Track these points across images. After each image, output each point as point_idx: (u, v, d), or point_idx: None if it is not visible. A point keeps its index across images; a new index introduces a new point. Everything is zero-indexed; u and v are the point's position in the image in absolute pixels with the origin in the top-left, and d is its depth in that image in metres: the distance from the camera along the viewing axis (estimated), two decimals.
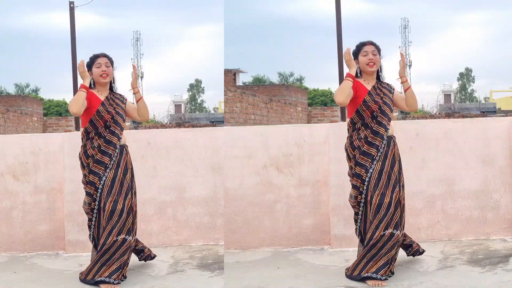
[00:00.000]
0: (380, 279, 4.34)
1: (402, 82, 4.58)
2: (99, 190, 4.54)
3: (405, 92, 4.63)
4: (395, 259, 4.52)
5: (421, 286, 4.30)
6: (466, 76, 63.49)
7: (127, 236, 4.56)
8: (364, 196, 4.49)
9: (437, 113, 28.04)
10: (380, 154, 4.46)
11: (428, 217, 5.63)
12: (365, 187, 4.47)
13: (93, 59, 4.68)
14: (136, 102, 4.83)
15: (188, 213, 5.86)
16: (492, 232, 5.62)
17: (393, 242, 4.40)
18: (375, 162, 4.45)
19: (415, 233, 5.56)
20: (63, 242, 5.76)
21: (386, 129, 4.49)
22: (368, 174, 4.45)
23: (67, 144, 5.65)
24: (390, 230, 4.40)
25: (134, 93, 4.76)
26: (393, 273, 4.48)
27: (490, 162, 5.63)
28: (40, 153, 5.85)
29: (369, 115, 4.49)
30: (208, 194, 5.88)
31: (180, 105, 54.19)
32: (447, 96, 54.12)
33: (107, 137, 4.59)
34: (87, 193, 4.60)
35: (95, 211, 4.58)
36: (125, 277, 4.64)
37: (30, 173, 5.83)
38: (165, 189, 5.86)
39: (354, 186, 4.55)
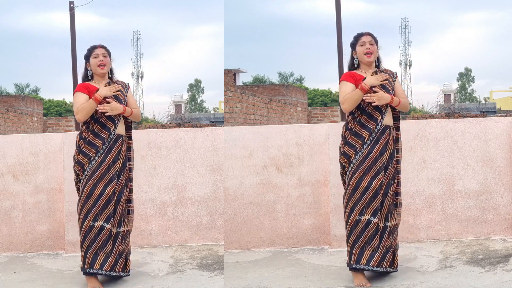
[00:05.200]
0: (372, 270, 4.33)
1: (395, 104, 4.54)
2: (85, 172, 4.53)
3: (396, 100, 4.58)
4: (391, 250, 4.46)
5: (421, 286, 4.30)
6: (466, 76, 63.55)
7: (105, 224, 4.49)
8: (347, 177, 4.47)
9: (437, 113, 28.04)
10: (372, 139, 4.42)
11: (428, 217, 5.63)
12: (349, 168, 4.45)
13: (91, 50, 4.68)
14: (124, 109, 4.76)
15: (188, 213, 5.86)
16: (492, 232, 5.62)
17: (372, 229, 4.34)
18: (365, 146, 4.41)
19: (415, 233, 5.57)
20: (63, 242, 5.76)
21: (382, 115, 4.44)
22: (356, 156, 4.42)
23: (67, 144, 5.65)
24: (366, 217, 4.34)
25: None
26: (390, 268, 4.43)
27: (490, 162, 5.63)
28: (40, 153, 5.85)
29: (365, 100, 4.46)
30: (208, 194, 5.88)
31: (180, 105, 54.25)
32: (447, 96, 54.19)
33: (102, 121, 4.57)
34: (74, 172, 4.63)
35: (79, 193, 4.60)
36: (123, 271, 4.60)
37: (30, 173, 5.83)
38: (165, 189, 5.86)
39: (340, 164, 4.54)
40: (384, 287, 4.34)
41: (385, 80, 4.48)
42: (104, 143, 4.55)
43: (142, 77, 65.90)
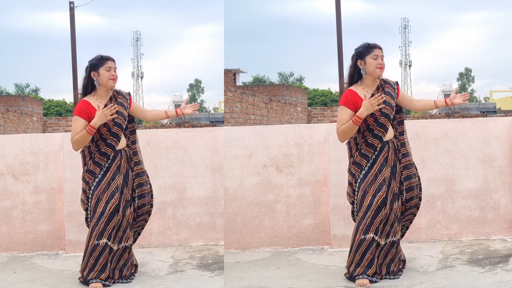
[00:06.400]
0: (374, 281, 4.34)
1: (445, 104, 4.56)
2: (89, 197, 4.57)
3: (436, 103, 4.58)
4: (396, 261, 4.50)
5: (421, 286, 4.30)
6: (466, 76, 63.60)
7: (108, 241, 4.52)
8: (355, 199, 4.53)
9: (437, 113, 28.04)
10: (369, 164, 4.44)
11: (428, 217, 5.63)
12: (355, 195, 4.50)
13: (102, 60, 4.53)
14: (165, 113, 4.90)
15: (188, 213, 5.86)
16: (492, 232, 5.62)
17: (374, 248, 4.37)
18: (363, 172, 4.45)
19: (415, 233, 5.57)
20: (63, 242, 5.76)
21: (381, 140, 4.44)
22: (357, 184, 4.47)
23: (67, 144, 5.64)
24: (371, 235, 4.36)
25: (178, 114, 4.87)
26: (392, 275, 4.48)
27: (490, 162, 5.63)
28: (40, 153, 5.84)
29: (365, 127, 4.43)
30: (208, 194, 5.88)
31: (180, 105, 54.24)
32: (447, 96, 54.14)
33: (102, 150, 4.55)
34: (81, 200, 4.69)
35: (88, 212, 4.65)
36: (130, 276, 4.67)
37: (30, 173, 5.83)
38: (165, 189, 5.86)
39: (348, 192, 4.60)
40: (384, 287, 4.34)
41: (382, 100, 4.33)
42: (102, 168, 4.56)
43: (142, 77, 65.93)
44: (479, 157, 5.64)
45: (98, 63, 4.53)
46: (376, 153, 4.44)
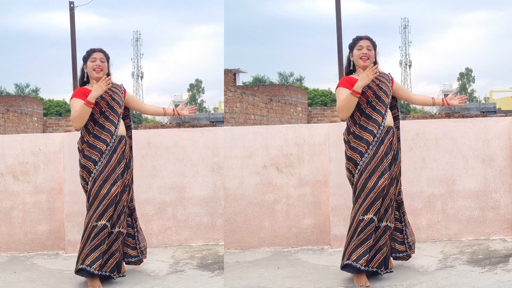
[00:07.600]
0: (360, 269, 4.30)
1: (442, 103, 4.72)
2: (92, 175, 4.52)
3: (433, 101, 4.79)
4: (384, 251, 4.45)
5: (421, 286, 4.30)
6: (466, 76, 63.60)
7: (107, 223, 4.48)
8: (354, 179, 4.47)
9: (437, 113, 28.06)
10: (376, 140, 4.42)
11: (428, 217, 5.63)
12: (356, 170, 4.44)
13: (89, 53, 4.68)
14: (163, 110, 4.97)
15: (188, 213, 5.87)
16: (492, 232, 5.62)
17: (371, 229, 4.34)
18: (370, 147, 4.41)
19: (415, 233, 5.54)
20: (63, 242, 5.76)
21: (383, 116, 4.45)
22: (362, 158, 4.42)
23: (67, 144, 5.65)
24: (370, 216, 4.33)
25: (174, 113, 4.94)
26: (379, 269, 4.44)
27: (490, 162, 5.63)
28: (40, 153, 5.85)
29: (364, 100, 4.47)
30: (208, 194, 5.88)
31: (179, 105, 54.15)
32: (446, 96, 54.16)
33: (100, 122, 4.56)
34: (81, 177, 4.62)
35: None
36: (118, 274, 4.62)
37: (30, 173, 5.83)
38: (165, 189, 5.86)
39: (347, 169, 4.54)
40: (384, 287, 4.34)
41: (377, 70, 4.39)
42: (108, 144, 4.54)
43: (142, 77, 65.97)
44: (479, 157, 5.64)
45: (86, 56, 4.70)
46: (381, 129, 4.43)
